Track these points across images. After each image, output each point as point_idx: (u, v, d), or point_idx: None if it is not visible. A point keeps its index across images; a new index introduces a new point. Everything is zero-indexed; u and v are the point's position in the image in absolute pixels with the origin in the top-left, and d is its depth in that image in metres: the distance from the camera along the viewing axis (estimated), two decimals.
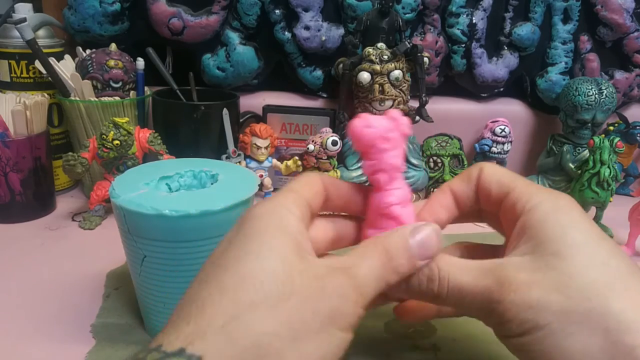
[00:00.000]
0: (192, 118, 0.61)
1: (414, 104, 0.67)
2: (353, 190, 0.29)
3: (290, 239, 0.23)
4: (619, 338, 0.22)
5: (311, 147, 0.61)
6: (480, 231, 0.43)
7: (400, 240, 0.25)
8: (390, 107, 0.63)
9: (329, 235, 0.29)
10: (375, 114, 0.63)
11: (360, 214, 0.30)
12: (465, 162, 0.70)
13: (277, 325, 0.21)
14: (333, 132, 0.63)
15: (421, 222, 0.26)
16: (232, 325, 0.20)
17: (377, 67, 0.62)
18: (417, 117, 0.67)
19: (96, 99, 0.59)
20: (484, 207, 0.30)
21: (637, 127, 0.72)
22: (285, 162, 0.65)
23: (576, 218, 0.26)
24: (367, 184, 0.30)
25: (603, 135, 0.66)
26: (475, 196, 0.30)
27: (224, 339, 0.20)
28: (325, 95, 0.73)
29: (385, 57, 0.62)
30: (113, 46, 0.63)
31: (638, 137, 0.72)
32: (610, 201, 0.62)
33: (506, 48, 0.73)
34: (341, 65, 0.65)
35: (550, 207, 0.26)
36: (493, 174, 0.29)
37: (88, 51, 0.62)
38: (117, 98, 0.60)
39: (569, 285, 0.23)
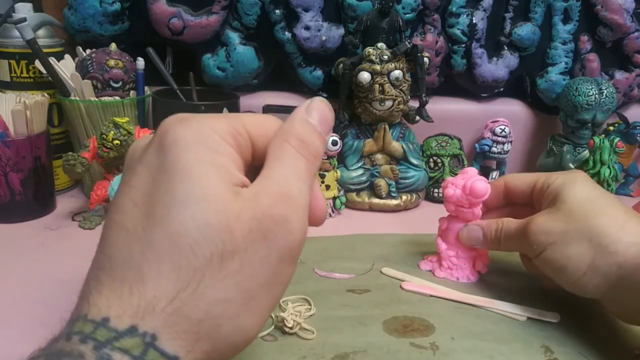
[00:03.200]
0: None
1: (414, 104, 0.67)
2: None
3: (221, 173, 0.21)
4: (599, 241, 0.35)
5: None
6: None
7: (304, 125, 0.24)
8: (391, 107, 0.63)
9: None
10: (375, 114, 0.63)
11: None
12: (465, 162, 0.70)
13: (228, 290, 0.20)
14: (333, 132, 0.63)
15: (310, 101, 0.25)
16: (181, 298, 0.19)
17: (377, 67, 0.62)
18: (417, 117, 0.67)
19: (96, 99, 0.59)
20: (516, 201, 0.45)
21: (637, 127, 0.72)
22: None
23: (581, 180, 0.39)
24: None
25: (603, 136, 0.66)
26: (503, 198, 0.46)
27: (176, 316, 0.19)
28: (325, 95, 0.73)
29: (386, 57, 0.62)
30: (113, 46, 0.63)
31: (638, 137, 0.72)
32: None
33: (506, 48, 0.73)
34: (341, 65, 0.65)
35: (563, 178, 0.40)
36: (515, 178, 0.45)
37: (88, 51, 0.62)
38: (117, 98, 0.60)
39: (568, 216, 0.37)
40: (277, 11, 0.67)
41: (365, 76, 0.62)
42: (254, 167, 0.24)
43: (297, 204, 0.22)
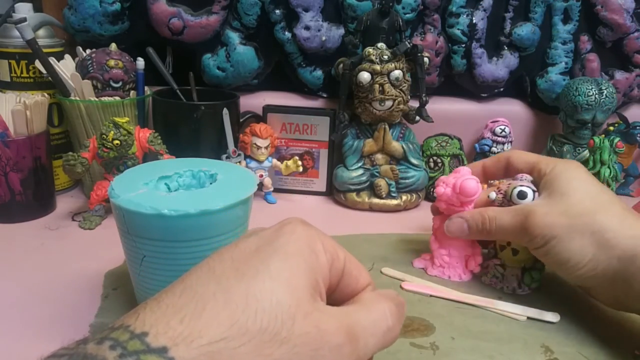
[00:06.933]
0: (192, 118, 0.61)
1: (414, 104, 0.67)
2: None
3: (311, 274, 0.23)
4: (602, 235, 0.37)
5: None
6: None
7: (404, 307, 0.26)
8: (391, 107, 0.63)
9: None
10: (375, 114, 0.63)
11: None
12: (465, 162, 0.70)
13: None
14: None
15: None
16: (219, 346, 0.19)
17: (377, 67, 0.62)
18: (417, 117, 0.67)
19: (96, 99, 0.59)
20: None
21: (637, 127, 0.72)
22: (285, 162, 0.65)
23: (578, 173, 0.42)
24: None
25: (603, 136, 0.66)
26: (504, 172, 0.48)
27: (205, 359, 0.19)
28: (325, 95, 0.73)
29: (386, 57, 0.62)
30: (113, 46, 0.63)
31: (638, 137, 0.72)
32: None
33: (506, 48, 0.73)
34: (341, 65, 0.65)
35: (562, 167, 0.42)
36: (519, 157, 0.46)
37: (88, 51, 0.62)
38: (117, 98, 0.60)
39: (570, 211, 0.39)
40: (277, 11, 0.67)
41: (365, 76, 0.62)
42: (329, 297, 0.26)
43: (355, 349, 0.23)
